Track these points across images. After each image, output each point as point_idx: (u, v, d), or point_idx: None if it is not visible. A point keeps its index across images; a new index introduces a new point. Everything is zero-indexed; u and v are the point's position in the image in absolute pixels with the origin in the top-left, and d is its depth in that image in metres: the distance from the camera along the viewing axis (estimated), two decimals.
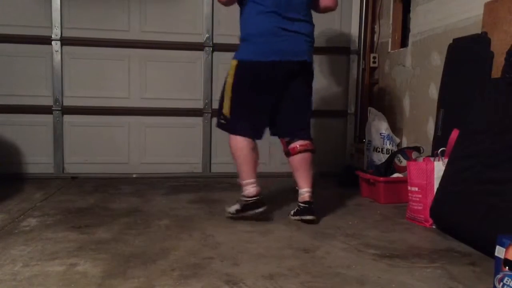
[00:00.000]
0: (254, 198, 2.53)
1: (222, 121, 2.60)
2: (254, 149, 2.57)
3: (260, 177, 3.86)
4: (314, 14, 2.70)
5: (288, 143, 2.63)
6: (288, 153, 2.63)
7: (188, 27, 3.93)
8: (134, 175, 3.90)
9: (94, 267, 1.82)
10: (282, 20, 2.47)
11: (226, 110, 2.56)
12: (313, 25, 2.62)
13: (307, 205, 2.54)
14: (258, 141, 2.63)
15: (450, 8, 3.06)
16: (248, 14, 2.52)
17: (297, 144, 2.60)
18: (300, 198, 2.58)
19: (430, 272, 1.83)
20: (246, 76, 2.51)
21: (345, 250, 2.09)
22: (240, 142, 2.54)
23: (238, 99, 2.53)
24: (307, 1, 2.56)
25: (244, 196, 2.54)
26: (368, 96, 4.25)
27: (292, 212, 2.60)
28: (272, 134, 2.71)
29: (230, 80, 2.54)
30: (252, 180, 2.54)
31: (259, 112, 2.57)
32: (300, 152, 2.59)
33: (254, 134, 2.57)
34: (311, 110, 2.73)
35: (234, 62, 2.54)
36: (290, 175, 3.97)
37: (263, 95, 2.53)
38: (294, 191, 3.32)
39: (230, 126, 2.57)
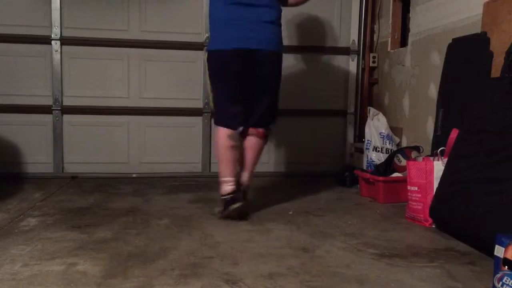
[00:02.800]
0: (230, 195, 2.56)
1: (214, 114, 2.73)
2: (236, 147, 2.60)
3: (259, 177, 3.89)
4: (311, 13, 2.70)
5: (247, 126, 2.66)
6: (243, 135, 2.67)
7: (187, 27, 3.93)
8: (134, 175, 3.90)
9: (93, 267, 1.83)
10: (244, 8, 2.50)
11: (212, 101, 2.71)
12: (280, 11, 2.62)
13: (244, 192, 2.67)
14: None
15: (450, 7, 3.06)
16: (212, 5, 2.61)
17: (252, 129, 2.66)
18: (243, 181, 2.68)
19: (430, 271, 1.83)
20: (214, 65, 2.61)
21: (344, 249, 2.10)
22: (222, 134, 2.59)
23: (214, 88, 2.65)
24: None
25: (222, 194, 2.59)
26: (367, 95, 4.25)
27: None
28: None
29: (208, 72, 2.68)
30: (228, 179, 2.59)
31: (232, 99, 2.61)
32: (251, 135, 2.66)
33: (233, 123, 2.59)
34: (273, 99, 2.71)
35: (206, 54, 2.70)
36: (289, 175, 4.00)
37: (231, 82, 2.58)
38: (292, 190, 3.33)
39: (215, 117, 2.71)
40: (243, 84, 2.59)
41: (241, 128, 2.60)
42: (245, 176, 2.71)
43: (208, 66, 2.65)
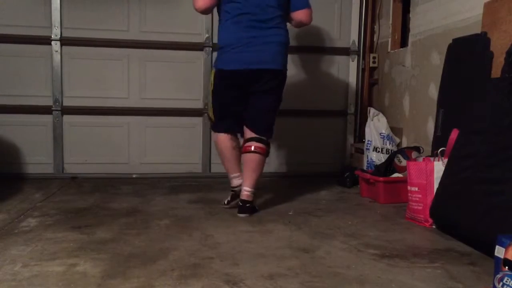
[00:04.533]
0: (239, 187, 2.77)
1: (211, 123, 2.97)
2: (235, 147, 2.83)
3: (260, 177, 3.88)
4: (313, 14, 2.74)
5: (245, 141, 2.77)
6: (241, 150, 2.80)
7: (187, 27, 3.93)
8: (134, 175, 3.90)
9: (94, 267, 1.82)
10: (250, 29, 2.62)
11: (211, 113, 2.97)
12: (286, 31, 2.74)
13: (242, 204, 2.68)
14: None
15: (450, 8, 3.06)
16: (222, 23, 2.74)
17: (250, 144, 2.73)
18: (241, 195, 2.72)
19: (430, 272, 1.83)
20: (220, 83, 2.79)
21: (344, 250, 2.10)
22: (220, 138, 2.83)
23: (216, 103, 2.86)
24: (280, 10, 2.67)
25: (232, 187, 2.85)
26: (367, 96, 4.26)
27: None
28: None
29: (211, 87, 2.91)
30: (235, 174, 2.83)
31: (232, 114, 2.80)
32: (249, 152, 2.71)
33: (230, 131, 2.82)
34: (271, 115, 2.80)
35: (213, 71, 2.92)
36: (289, 176, 4.00)
37: (233, 99, 2.77)
38: (292, 191, 3.33)
39: (214, 125, 2.95)
40: (243, 100, 2.75)
41: (232, 133, 2.83)
42: (247, 192, 2.69)
43: (214, 82, 2.84)
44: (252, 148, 2.70)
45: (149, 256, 1.97)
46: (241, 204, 2.67)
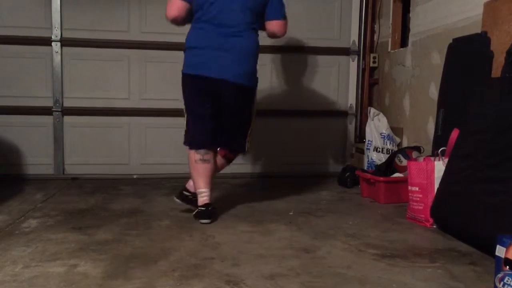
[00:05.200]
0: (201, 208, 2.54)
1: (184, 133, 2.70)
2: (203, 159, 2.61)
3: (260, 178, 3.89)
4: (311, 13, 2.70)
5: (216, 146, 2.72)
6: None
7: (187, 28, 3.92)
8: (135, 176, 3.90)
9: (95, 268, 1.83)
10: (218, 37, 2.52)
11: (185, 121, 2.69)
12: (255, 39, 2.61)
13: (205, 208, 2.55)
14: (257, 143, 2.64)
15: (450, 7, 3.06)
16: (191, 28, 2.64)
17: (223, 151, 2.73)
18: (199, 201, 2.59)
19: (431, 272, 1.83)
20: (186, 87, 2.63)
21: (345, 250, 2.10)
22: (192, 156, 2.63)
23: (188, 109, 2.66)
24: (247, 19, 2.55)
25: (198, 204, 2.58)
26: (368, 96, 4.26)
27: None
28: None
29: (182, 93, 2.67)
30: (201, 190, 2.58)
31: (203, 122, 2.62)
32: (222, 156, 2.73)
33: (200, 144, 2.62)
34: (242, 127, 2.70)
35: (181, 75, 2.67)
36: (289, 176, 4.00)
37: (202, 105, 2.59)
38: (293, 191, 3.33)
39: (187, 138, 2.68)
40: (211, 108, 2.59)
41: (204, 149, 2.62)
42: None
43: (182, 87, 2.66)
44: (222, 153, 2.73)
45: (150, 256, 1.97)
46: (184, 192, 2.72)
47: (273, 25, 2.64)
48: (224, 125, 2.66)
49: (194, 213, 2.55)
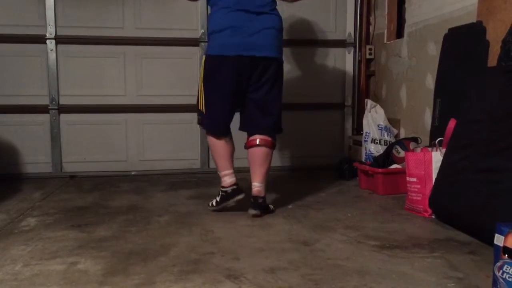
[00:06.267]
0: (232, 187, 2.59)
1: (199, 117, 2.66)
2: (228, 143, 2.62)
3: None
4: (307, 6, 2.69)
5: (249, 135, 2.66)
6: (245, 146, 2.66)
7: (183, 23, 3.92)
8: (133, 173, 3.90)
9: (94, 265, 1.83)
10: (245, 15, 2.48)
11: (201, 105, 2.61)
12: (280, 18, 2.61)
13: (254, 200, 2.56)
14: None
15: None
16: (214, 12, 2.57)
17: (255, 137, 2.61)
18: (252, 191, 2.58)
19: (430, 262, 1.83)
20: (212, 70, 2.54)
21: (344, 242, 2.10)
22: (213, 139, 2.62)
23: (208, 93, 2.57)
24: None
25: (223, 186, 2.61)
26: (365, 88, 4.25)
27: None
28: (239, 128, 2.70)
29: (201, 76, 2.60)
30: (228, 171, 2.60)
31: (227, 105, 2.59)
32: (254, 146, 2.60)
33: (223, 129, 2.61)
34: (276, 106, 2.64)
35: (203, 58, 2.60)
36: (287, 169, 4.01)
37: (228, 88, 2.54)
38: (291, 184, 3.33)
39: (205, 123, 2.63)
40: (240, 91, 2.56)
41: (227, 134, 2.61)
42: (257, 187, 2.57)
43: (204, 70, 2.57)
44: (257, 142, 2.59)
45: (149, 252, 1.97)
46: (252, 200, 2.55)
47: None
48: (258, 103, 2.59)
49: (220, 198, 2.60)
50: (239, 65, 2.50)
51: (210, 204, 2.67)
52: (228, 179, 2.60)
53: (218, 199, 2.63)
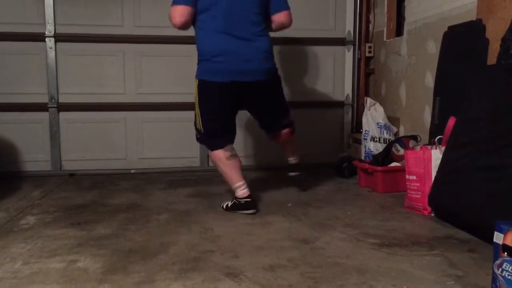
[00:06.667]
0: (246, 199, 2.59)
1: (198, 135, 2.70)
2: (232, 155, 2.63)
3: (257, 170, 3.88)
4: (306, 4, 2.70)
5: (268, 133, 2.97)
6: (273, 139, 2.99)
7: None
8: (132, 171, 3.90)
9: (94, 263, 1.83)
10: (235, 40, 2.49)
11: (199, 125, 2.65)
12: (270, 39, 2.65)
13: (293, 166, 3.14)
14: (251, 134, 2.66)
15: None
16: (204, 33, 2.54)
17: (274, 134, 2.93)
18: (290, 162, 3.14)
19: (430, 260, 1.84)
20: (206, 93, 2.57)
21: (344, 240, 2.10)
22: (217, 155, 2.62)
23: (205, 114, 2.60)
24: (259, 18, 2.56)
25: (238, 197, 2.61)
26: (364, 86, 4.25)
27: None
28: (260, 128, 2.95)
29: (196, 98, 2.62)
30: (240, 183, 2.61)
31: (225, 123, 2.65)
32: (276, 138, 2.95)
33: (226, 142, 2.64)
34: (282, 106, 2.86)
35: (196, 82, 2.60)
36: (286, 167, 3.99)
37: (225, 109, 2.61)
38: (291, 182, 3.33)
39: (206, 141, 2.67)
40: (234, 111, 2.67)
41: (230, 145, 2.66)
42: (292, 160, 3.14)
43: (198, 93, 2.58)
44: (278, 134, 2.91)
45: (149, 250, 1.97)
46: (292, 167, 3.14)
47: (282, 16, 2.66)
48: (265, 113, 2.83)
49: (232, 205, 2.61)
50: (233, 90, 2.54)
51: (223, 206, 2.66)
52: (240, 191, 2.60)
53: (230, 204, 2.63)
